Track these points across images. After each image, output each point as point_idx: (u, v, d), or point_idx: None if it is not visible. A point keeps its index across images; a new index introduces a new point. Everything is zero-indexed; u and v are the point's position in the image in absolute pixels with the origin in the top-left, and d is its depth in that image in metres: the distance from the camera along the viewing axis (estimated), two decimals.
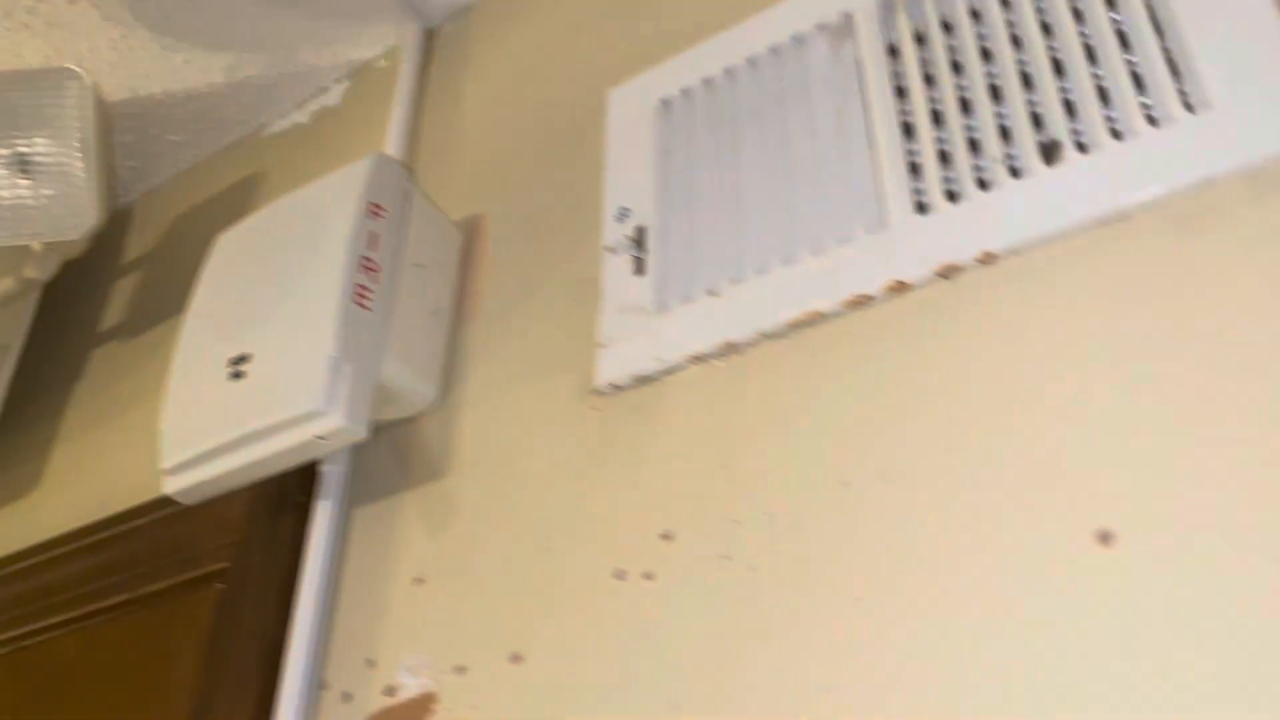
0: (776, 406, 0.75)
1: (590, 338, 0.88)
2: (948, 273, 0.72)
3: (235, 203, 1.39)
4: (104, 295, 1.45)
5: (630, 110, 0.99)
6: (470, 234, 1.05)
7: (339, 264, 0.91)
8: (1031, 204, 0.71)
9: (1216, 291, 0.63)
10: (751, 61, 0.93)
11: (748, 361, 0.78)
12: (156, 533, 1.07)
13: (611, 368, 0.85)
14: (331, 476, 0.96)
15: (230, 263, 1.00)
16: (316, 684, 0.87)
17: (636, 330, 0.85)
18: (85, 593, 1.09)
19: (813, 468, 0.71)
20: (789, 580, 0.68)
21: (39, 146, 1.19)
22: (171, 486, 0.92)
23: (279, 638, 0.90)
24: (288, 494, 0.98)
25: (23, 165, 1.20)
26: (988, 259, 0.71)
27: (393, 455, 0.96)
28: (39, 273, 1.26)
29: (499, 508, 0.86)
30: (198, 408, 0.92)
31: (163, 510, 1.07)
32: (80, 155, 1.18)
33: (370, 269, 0.92)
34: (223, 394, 0.90)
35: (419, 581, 0.87)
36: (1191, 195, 0.66)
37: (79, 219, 1.18)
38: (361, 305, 0.90)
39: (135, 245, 1.48)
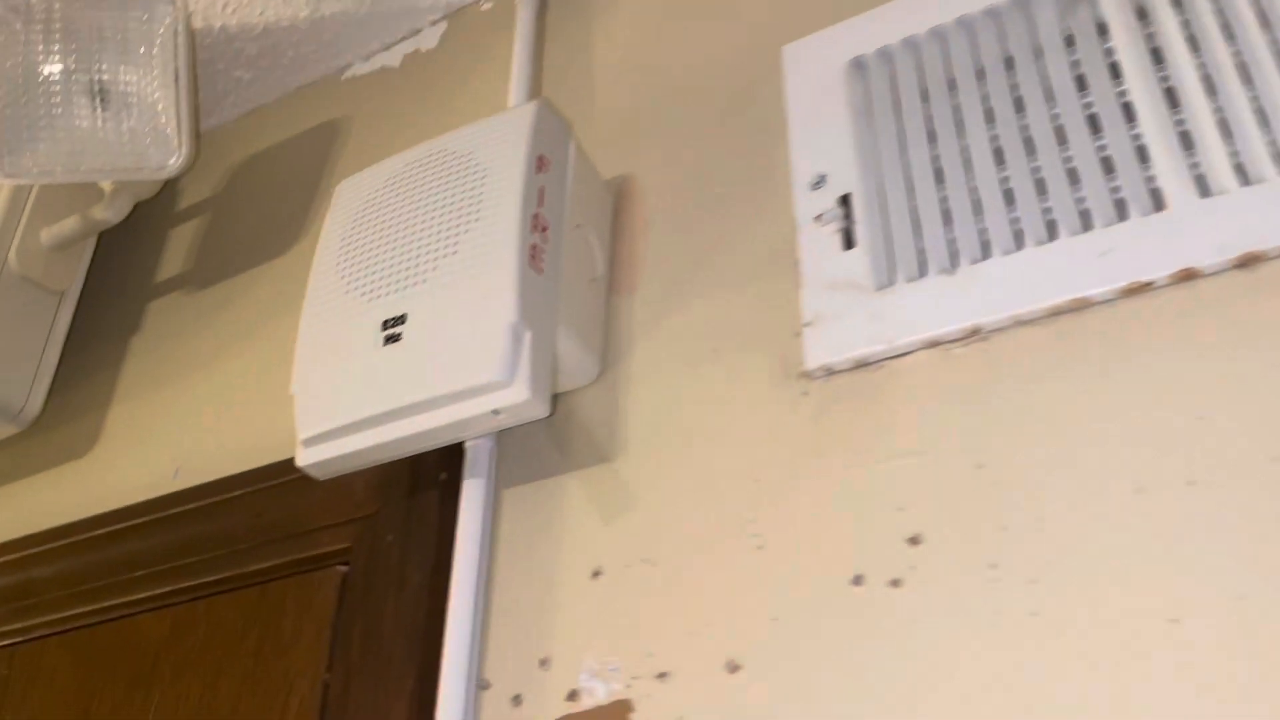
0: (1044, 402, 0.68)
1: (787, 315, 0.81)
2: (1247, 262, 0.65)
3: (308, 150, 1.29)
4: (161, 242, 1.34)
5: (813, 68, 0.91)
6: (619, 196, 0.97)
7: (513, 219, 0.81)
8: None
9: None
10: (963, 23, 0.85)
11: (997, 349, 0.71)
12: (259, 505, 0.97)
13: (823, 348, 0.77)
14: (479, 452, 0.87)
15: (363, 214, 0.90)
16: (476, 683, 0.78)
17: (852, 308, 0.77)
18: (175, 568, 0.99)
19: (1099, 473, 0.64)
20: (1076, 597, 0.61)
21: (123, 75, 1.08)
22: (307, 459, 0.83)
23: (429, 629, 0.81)
24: (425, 470, 0.89)
25: (103, 94, 1.08)
26: None
27: (546, 432, 0.87)
28: (111, 214, 1.15)
29: (689, 496, 0.78)
30: (342, 373, 0.82)
31: (265, 481, 0.98)
32: (170, 87, 1.07)
33: (541, 228, 0.83)
34: (374, 360, 0.81)
35: (597, 575, 0.78)
36: None
37: (165, 158, 1.07)
38: (535, 267, 0.81)
39: (193, 190, 1.37)
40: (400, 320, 0.82)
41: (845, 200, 0.82)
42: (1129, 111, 0.74)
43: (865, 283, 0.77)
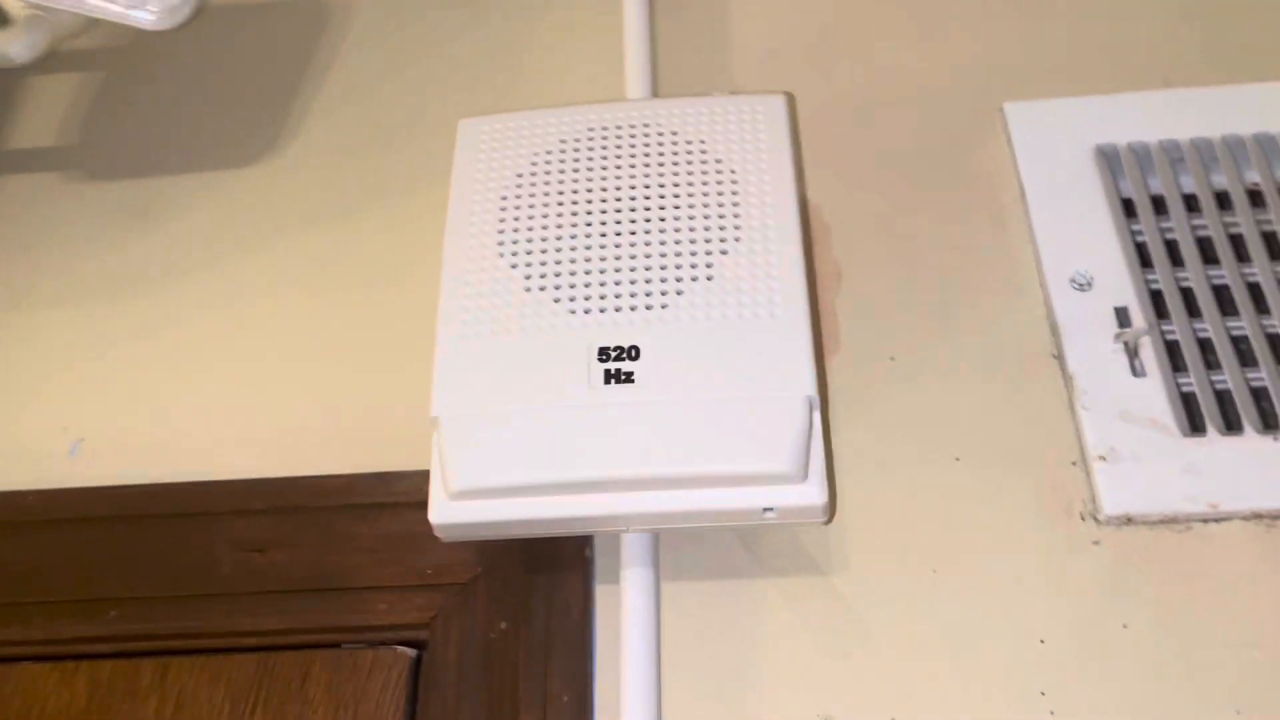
0: None
1: (1058, 437, 0.69)
2: None
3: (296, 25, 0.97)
4: (73, 111, 0.95)
5: (1051, 142, 0.79)
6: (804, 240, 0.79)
7: (796, 251, 0.63)
8: None
9: None
10: (1230, 143, 0.78)
11: None
12: (258, 534, 0.69)
13: (1127, 493, 0.65)
14: (641, 538, 0.66)
15: (532, 182, 0.66)
16: None
17: (1158, 453, 0.66)
18: (79, 603, 0.68)
19: None
20: None
21: None
22: (449, 516, 0.59)
23: None
24: (553, 540, 0.67)
25: None
26: None
27: None
28: (19, 50, 0.79)
29: (944, 641, 0.63)
30: (531, 410, 0.59)
31: (262, 502, 0.70)
32: None
33: None
34: (589, 400, 0.59)
35: None
36: None
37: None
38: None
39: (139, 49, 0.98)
40: (630, 355, 0.60)
41: (1123, 314, 0.72)
42: None
43: (1168, 422, 0.67)
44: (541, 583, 0.66)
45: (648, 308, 0.61)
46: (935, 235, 0.78)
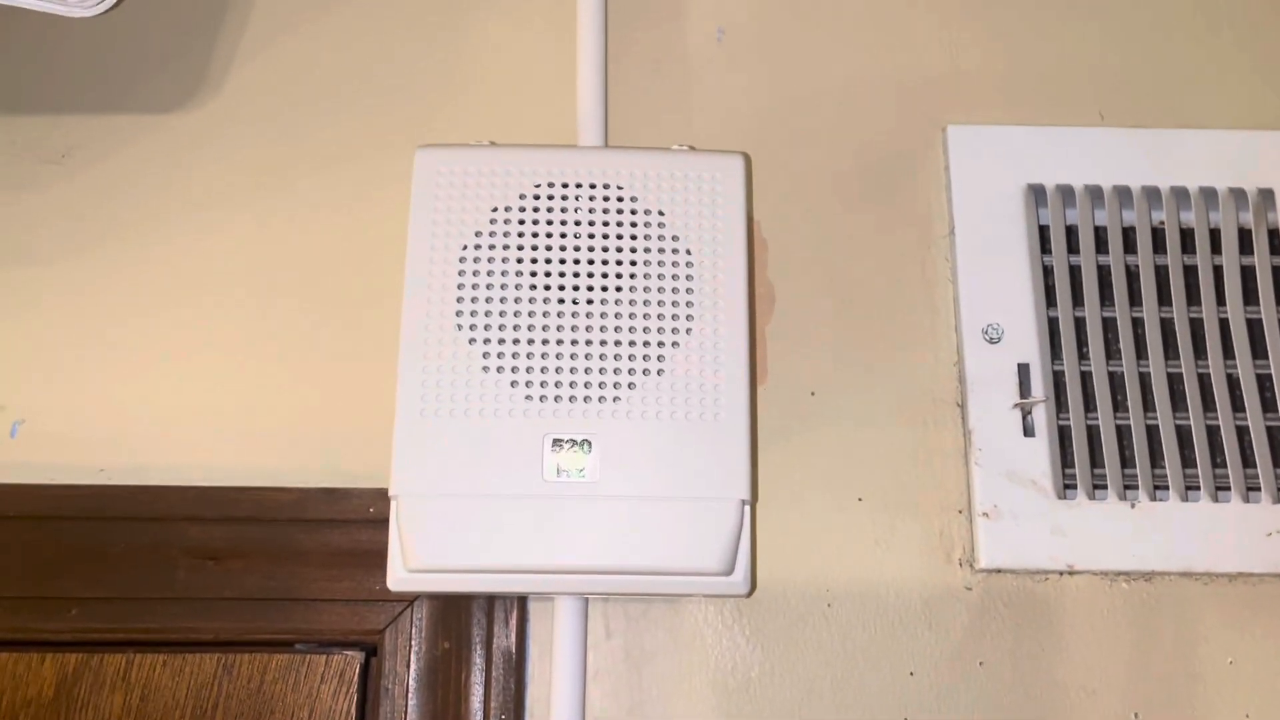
0: (1205, 657, 0.74)
1: (952, 485, 0.77)
2: None
3: None
4: None
5: (987, 177, 0.82)
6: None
7: (741, 349, 0.66)
8: None
9: None
10: (1149, 193, 0.82)
11: (1160, 594, 0.75)
12: (225, 542, 0.73)
13: (1002, 550, 0.75)
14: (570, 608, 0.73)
15: (492, 240, 0.67)
16: None
17: (1033, 514, 0.75)
18: (67, 596, 0.72)
19: None
20: None
21: None
22: (405, 584, 0.65)
23: None
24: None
25: None
26: None
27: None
28: None
29: (830, 672, 0.74)
30: (487, 496, 0.63)
31: (231, 511, 0.74)
32: None
33: None
34: (539, 491, 0.64)
35: None
36: None
37: None
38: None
39: None
40: (582, 445, 0.64)
41: (1023, 371, 0.78)
42: None
43: (1046, 485, 0.76)
44: (480, 609, 0.73)
45: (600, 400, 0.64)
46: (867, 265, 0.82)
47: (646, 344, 0.65)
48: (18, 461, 0.76)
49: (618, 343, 0.65)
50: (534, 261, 0.66)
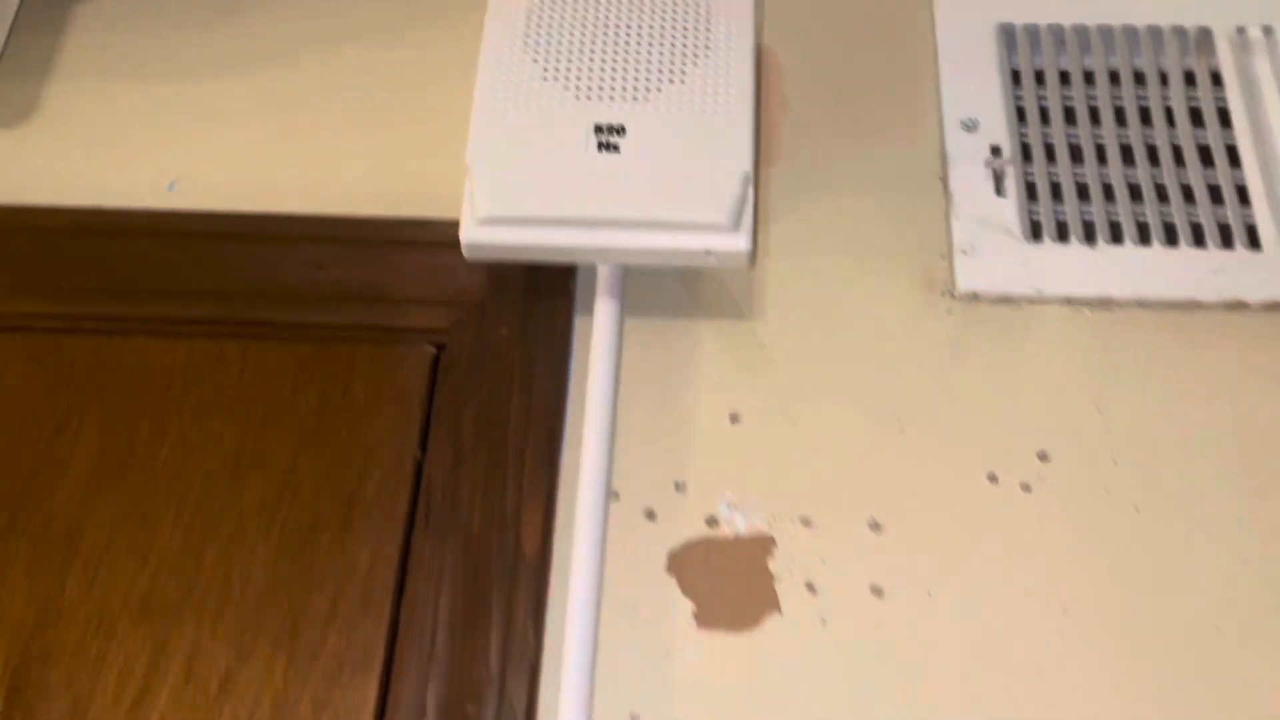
0: (1154, 372, 0.84)
1: (935, 236, 0.91)
2: None
3: None
4: None
5: (963, 16, 1.00)
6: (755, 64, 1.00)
7: (748, 67, 0.83)
8: None
9: None
10: (1104, 32, 0.99)
11: (1120, 321, 0.87)
12: (321, 257, 0.90)
13: (975, 276, 0.88)
14: (612, 276, 0.88)
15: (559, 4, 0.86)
16: (607, 494, 0.82)
17: (1003, 249, 0.89)
18: (191, 293, 0.89)
19: (1203, 440, 0.82)
20: (1178, 528, 0.79)
21: None
22: (478, 236, 0.81)
23: (554, 432, 0.83)
24: (549, 277, 0.88)
25: None
26: None
27: (680, 280, 0.90)
28: None
29: (829, 367, 0.86)
30: (543, 163, 0.80)
31: (333, 232, 0.91)
32: None
33: None
34: (585, 161, 0.80)
35: (735, 419, 0.84)
36: None
37: None
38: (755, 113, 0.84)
39: None
40: (618, 131, 0.81)
41: (996, 151, 0.93)
42: (1233, 155, 0.92)
43: (1016, 231, 0.89)
44: (538, 307, 0.87)
45: (634, 98, 0.82)
46: (866, 78, 0.99)
47: (672, 61, 0.83)
48: (174, 206, 0.95)
49: (649, 58, 0.83)
50: (586, 10, 0.85)
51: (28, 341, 0.89)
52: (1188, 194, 0.91)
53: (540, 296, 0.88)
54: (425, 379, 0.87)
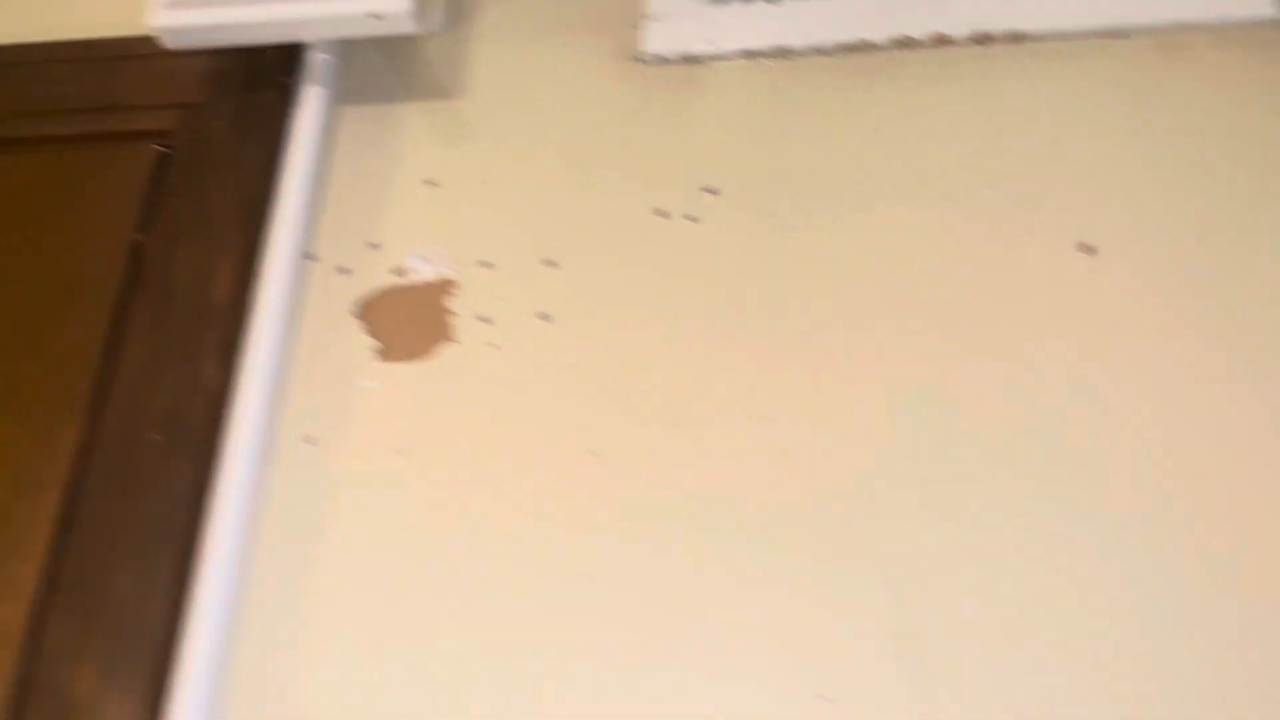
0: (826, 111, 0.88)
1: (632, 9, 0.95)
2: (982, 40, 0.89)
3: None
4: None
5: None
6: None
7: None
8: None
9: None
10: None
11: (797, 68, 0.90)
12: (58, 74, 0.97)
13: (660, 40, 0.92)
14: (323, 64, 0.94)
15: None
16: (302, 255, 0.87)
17: (688, 13, 0.93)
18: None
19: (859, 167, 0.85)
20: (825, 242, 0.83)
21: None
22: (163, 19, 0.86)
23: (259, 207, 0.89)
24: (264, 70, 0.94)
25: None
26: (1017, 37, 0.89)
27: (387, 65, 0.96)
28: None
29: (523, 133, 0.91)
30: None
31: (66, 54, 0.98)
32: None
33: None
34: None
35: (432, 184, 0.90)
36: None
37: None
38: None
39: None
40: None
41: None
42: None
43: None
44: (253, 99, 0.94)
45: None
46: None
47: None
48: None
49: None
50: None
51: None
52: None
53: (259, 89, 0.94)
54: (149, 173, 0.93)
